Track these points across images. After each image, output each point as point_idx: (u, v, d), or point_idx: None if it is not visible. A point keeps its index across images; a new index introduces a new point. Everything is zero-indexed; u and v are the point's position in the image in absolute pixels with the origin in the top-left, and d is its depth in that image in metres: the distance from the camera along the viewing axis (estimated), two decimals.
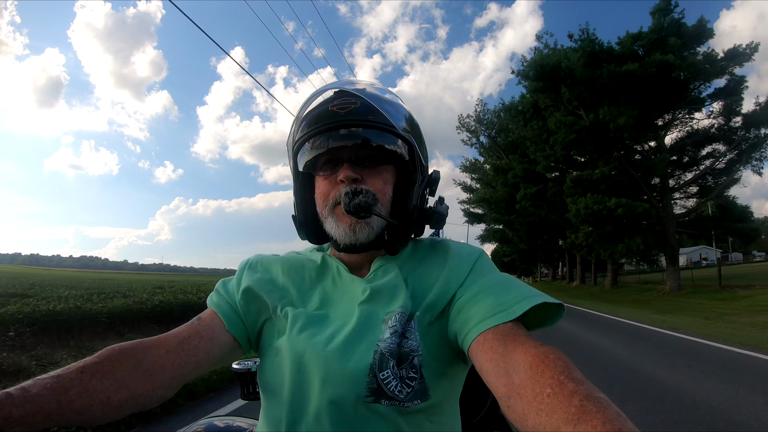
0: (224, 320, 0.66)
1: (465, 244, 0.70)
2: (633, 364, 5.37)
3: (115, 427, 2.98)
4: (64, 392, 0.49)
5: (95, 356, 0.56)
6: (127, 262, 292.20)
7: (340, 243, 0.65)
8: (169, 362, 0.59)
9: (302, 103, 0.70)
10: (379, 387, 0.55)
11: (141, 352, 0.58)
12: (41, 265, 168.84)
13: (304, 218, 0.71)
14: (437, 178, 0.74)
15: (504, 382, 0.46)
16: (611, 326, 9.72)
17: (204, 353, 0.62)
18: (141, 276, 36.73)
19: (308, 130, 0.64)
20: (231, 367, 1.03)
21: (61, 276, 24.08)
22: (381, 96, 0.67)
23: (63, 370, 0.52)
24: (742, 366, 5.12)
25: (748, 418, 3.24)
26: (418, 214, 0.68)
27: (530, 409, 0.40)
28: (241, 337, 0.66)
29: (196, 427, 0.97)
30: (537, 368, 0.43)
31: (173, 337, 0.62)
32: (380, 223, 0.64)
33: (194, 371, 0.61)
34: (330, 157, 0.65)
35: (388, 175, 0.66)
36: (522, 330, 0.52)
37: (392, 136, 0.64)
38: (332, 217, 0.64)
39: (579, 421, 0.35)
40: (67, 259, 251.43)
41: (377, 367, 0.55)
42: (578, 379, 0.40)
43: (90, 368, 0.53)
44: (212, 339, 0.63)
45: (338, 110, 0.63)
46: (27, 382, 0.49)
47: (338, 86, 0.68)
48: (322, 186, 0.66)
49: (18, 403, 0.46)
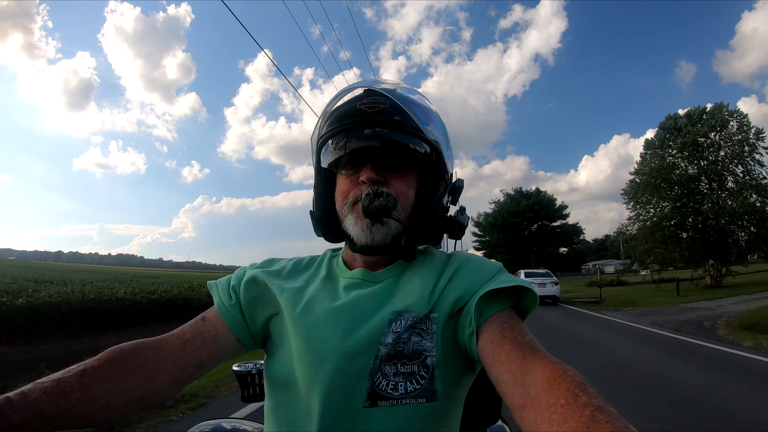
0: (228, 321, 0.64)
1: (483, 257, 0.69)
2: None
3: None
4: (64, 397, 0.48)
5: (96, 359, 0.55)
6: (162, 260, 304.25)
7: (357, 242, 0.64)
8: (171, 364, 0.58)
9: (330, 99, 0.68)
10: (374, 390, 0.54)
11: (142, 353, 0.57)
12: (84, 262, 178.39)
13: (322, 215, 0.70)
14: (461, 186, 0.72)
15: (520, 393, 0.46)
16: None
17: (206, 355, 0.61)
18: (179, 272, 38.33)
19: (334, 127, 0.63)
20: (232, 369, 1.03)
21: (120, 272, 24.92)
22: (410, 97, 0.65)
23: (63, 373, 0.51)
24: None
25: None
26: (438, 222, 0.67)
27: (543, 419, 0.41)
28: (244, 338, 0.65)
29: (203, 427, 0.98)
30: (554, 381, 0.43)
31: (175, 339, 0.60)
32: (397, 228, 0.63)
33: (196, 373, 0.60)
34: (353, 156, 0.64)
35: (411, 179, 0.65)
36: (538, 344, 0.52)
37: (418, 140, 0.63)
38: (351, 215, 0.63)
39: (589, 430, 0.36)
40: (107, 257, 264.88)
41: (376, 373, 0.55)
42: (592, 393, 0.41)
43: (90, 372, 0.52)
44: (215, 340, 0.62)
45: (366, 109, 0.62)
46: (26, 387, 0.48)
47: (368, 85, 0.67)
48: (344, 185, 0.65)
49: (17, 409, 0.45)
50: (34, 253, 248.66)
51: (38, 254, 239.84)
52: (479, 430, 1.11)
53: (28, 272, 14.38)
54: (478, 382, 0.71)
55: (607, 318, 11.64)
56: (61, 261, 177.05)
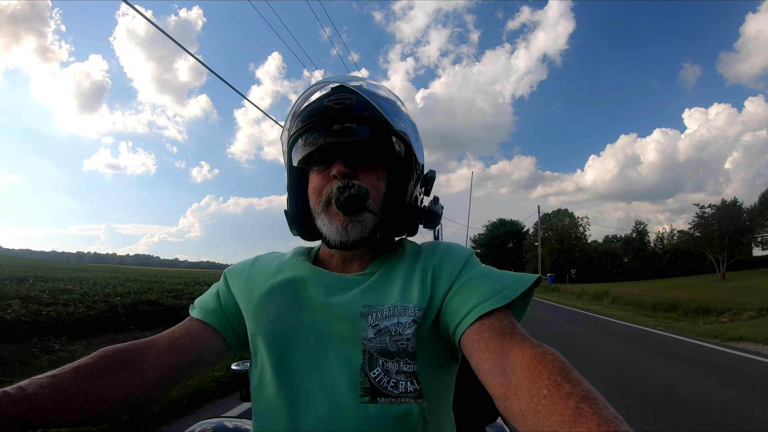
0: (212, 321, 0.65)
1: (457, 243, 0.70)
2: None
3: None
4: (60, 392, 0.49)
5: (90, 357, 0.56)
6: (178, 260, 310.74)
7: (331, 241, 0.64)
8: (162, 363, 0.59)
9: (298, 98, 0.69)
10: (372, 386, 0.54)
11: (134, 353, 0.58)
12: (105, 263, 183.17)
13: (296, 214, 0.69)
14: (432, 177, 0.72)
15: (501, 382, 0.45)
16: None
17: (196, 354, 0.62)
18: (196, 272, 39.79)
19: (303, 125, 0.64)
20: (230, 368, 1.05)
21: (146, 272, 24.59)
22: (377, 92, 0.65)
23: (59, 370, 0.52)
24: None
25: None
26: (412, 212, 0.66)
27: (528, 411, 0.40)
28: (229, 339, 0.65)
29: (205, 425, 0.99)
30: (534, 369, 0.43)
31: (165, 338, 0.62)
32: (372, 222, 0.63)
33: (186, 372, 0.61)
34: (324, 153, 0.64)
35: (382, 171, 0.65)
36: (517, 328, 0.51)
37: (387, 133, 0.63)
38: (325, 215, 0.63)
39: (575, 423, 0.35)
40: (128, 258, 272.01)
41: (367, 367, 0.55)
42: (575, 380, 0.40)
43: (85, 368, 0.53)
44: (203, 340, 0.63)
45: (333, 105, 0.62)
46: (23, 382, 0.49)
47: (335, 81, 0.67)
48: (316, 181, 0.65)
49: (15, 402, 0.45)
50: (52, 253, 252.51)
51: (57, 255, 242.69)
52: (478, 429, 1.11)
53: (70, 274, 14.73)
54: (476, 380, 0.72)
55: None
56: (84, 261, 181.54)
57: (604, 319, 12.38)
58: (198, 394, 3.90)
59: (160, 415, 3.32)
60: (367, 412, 0.53)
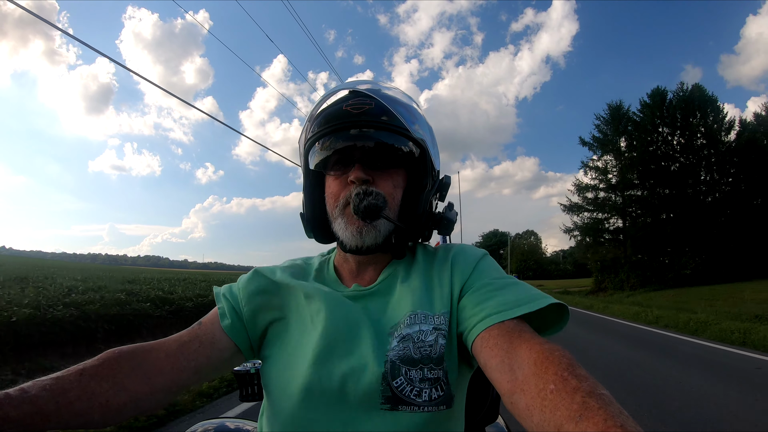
0: (225, 325, 0.64)
1: (469, 245, 0.70)
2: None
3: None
4: (63, 394, 0.49)
5: (95, 359, 0.55)
6: (187, 261, 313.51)
7: (347, 245, 0.64)
8: (168, 366, 0.58)
9: (316, 102, 0.69)
10: (395, 394, 0.54)
11: (141, 355, 0.57)
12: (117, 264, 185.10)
13: (312, 216, 0.70)
14: (448, 183, 0.73)
15: (508, 378, 0.45)
16: None
17: (204, 358, 0.61)
18: (205, 272, 40.11)
19: (320, 129, 0.64)
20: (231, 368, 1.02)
21: (161, 273, 24.20)
22: (395, 97, 0.66)
23: (62, 372, 0.51)
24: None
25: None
26: (427, 219, 0.68)
27: (534, 406, 0.40)
28: (242, 343, 0.65)
29: (206, 425, 0.99)
30: (541, 365, 0.43)
31: (173, 342, 0.61)
32: (387, 227, 0.63)
33: (194, 376, 0.60)
34: (341, 157, 0.64)
35: (398, 178, 0.65)
36: (527, 327, 0.51)
37: (405, 139, 0.64)
38: (342, 218, 0.64)
39: (581, 418, 0.35)
40: (139, 259, 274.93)
41: (390, 376, 0.55)
42: (582, 375, 0.40)
43: (89, 370, 0.53)
44: (212, 344, 0.63)
45: (352, 110, 0.62)
46: (26, 384, 0.48)
47: (353, 86, 0.68)
48: (333, 186, 0.65)
49: (16, 404, 0.45)
50: (63, 255, 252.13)
51: (68, 256, 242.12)
52: (478, 429, 1.11)
53: (92, 274, 14.33)
54: (476, 380, 0.70)
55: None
56: (98, 262, 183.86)
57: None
58: (198, 394, 3.98)
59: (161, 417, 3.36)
60: (384, 420, 0.54)
